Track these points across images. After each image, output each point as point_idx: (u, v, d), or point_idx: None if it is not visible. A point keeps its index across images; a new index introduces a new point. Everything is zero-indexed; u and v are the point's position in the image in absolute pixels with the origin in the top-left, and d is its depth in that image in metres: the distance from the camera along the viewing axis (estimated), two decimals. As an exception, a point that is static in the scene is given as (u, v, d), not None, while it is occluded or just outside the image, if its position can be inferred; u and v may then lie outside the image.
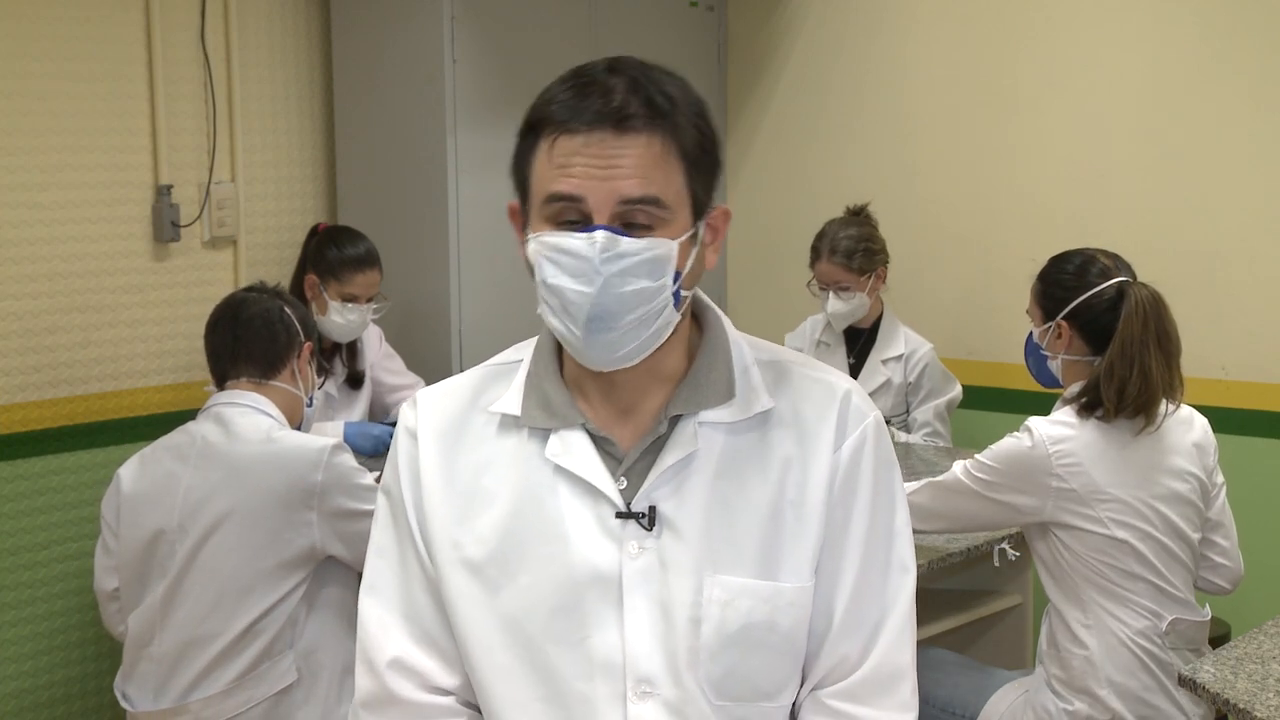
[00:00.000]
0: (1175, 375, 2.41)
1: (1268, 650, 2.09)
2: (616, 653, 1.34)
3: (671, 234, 1.30)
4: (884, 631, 1.39)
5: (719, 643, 1.34)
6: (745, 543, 1.36)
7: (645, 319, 1.30)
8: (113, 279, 3.43)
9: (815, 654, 1.40)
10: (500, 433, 1.40)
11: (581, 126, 1.27)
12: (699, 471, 1.36)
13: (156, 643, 2.45)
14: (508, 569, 1.36)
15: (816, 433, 1.39)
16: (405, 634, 1.41)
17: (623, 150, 1.27)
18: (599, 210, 1.27)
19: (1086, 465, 2.38)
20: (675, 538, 1.35)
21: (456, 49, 3.59)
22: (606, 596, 1.34)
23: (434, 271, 3.67)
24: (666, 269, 1.29)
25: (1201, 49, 3.48)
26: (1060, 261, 2.54)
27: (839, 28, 4.20)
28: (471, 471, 1.40)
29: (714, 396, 1.38)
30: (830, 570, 1.38)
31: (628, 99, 1.27)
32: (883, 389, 3.54)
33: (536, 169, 1.31)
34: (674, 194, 1.30)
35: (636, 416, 1.39)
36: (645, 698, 1.34)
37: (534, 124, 1.31)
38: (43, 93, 3.27)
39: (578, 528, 1.35)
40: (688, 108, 1.32)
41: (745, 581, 1.35)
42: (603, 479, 1.36)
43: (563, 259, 1.28)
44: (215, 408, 2.50)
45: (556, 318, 1.31)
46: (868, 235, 3.51)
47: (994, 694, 2.64)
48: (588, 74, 1.30)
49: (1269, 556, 3.40)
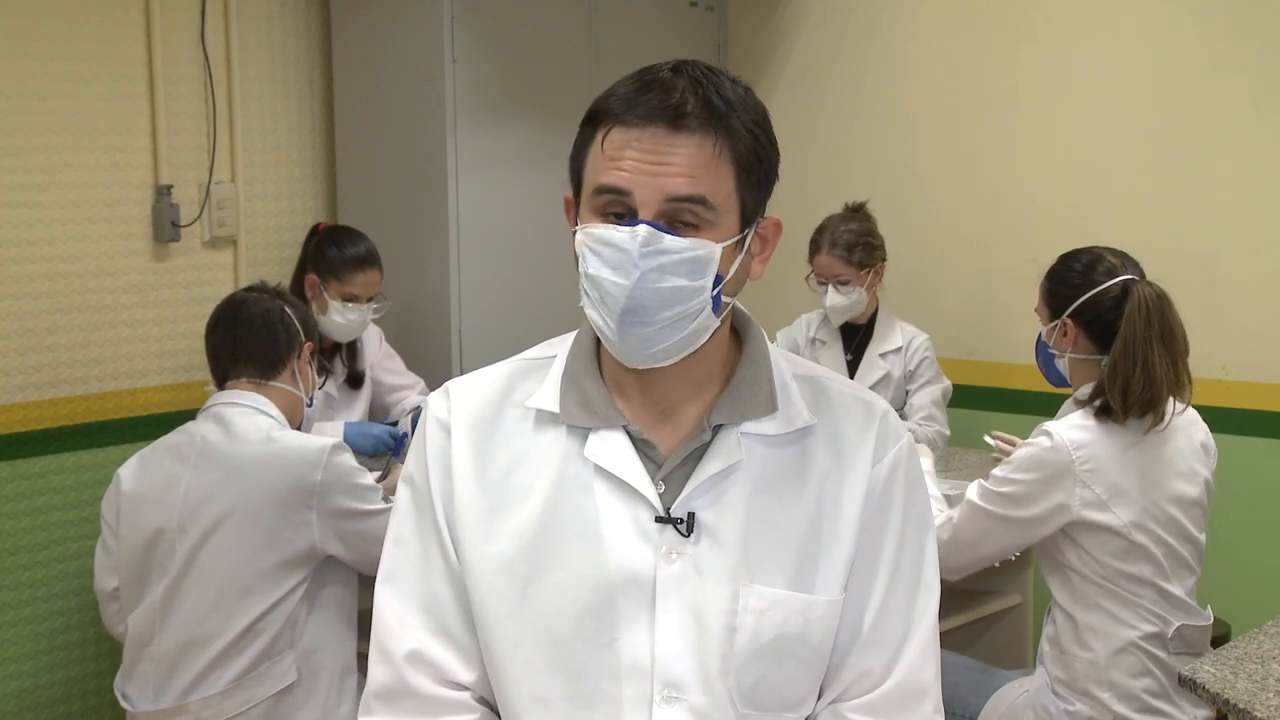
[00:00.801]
0: (1182, 373, 2.40)
1: (1268, 650, 2.09)
2: (645, 656, 1.34)
3: (716, 237, 1.30)
4: (908, 648, 1.40)
5: (752, 652, 1.34)
6: (781, 555, 1.36)
7: (681, 319, 1.30)
8: (113, 279, 3.43)
9: (838, 667, 1.40)
10: (536, 428, 1.40)
11: (636, 120, 1.27)
12: (739, 483, 1.36)
13: (156, 643, 2.45)
14: (539, 565, 1.35)
15: (855, 449, 1.39)
16: (422, 626, 1.40)
17: (675, 148, 1.27)
18: (645, 205, 1.27)
19: (1107, 468, 2.36)
20: (713, 545, 1.35)
21: (456, 49, 3.59)
22: (639, 599, 1.34)
23: (434, 271, 3.67)
24: (707, 270, 1.29)
25: (1201, 49, 3.48)
26: (1067, 260, 2.54)
27: (839, 28, 4.20)
28: (504, 466, 1.39)
29: (757, 408, 1.38)
30: (860, 585, 1.39)
31: (685, 97, 1.27)
32: (881, 383, 3.55)
33: (590, 161, 1.32)
34: (722, 197, 1.29)
35: (677, 422, 1.39)
36: (672, 702, 1.34)
37: (592, 115, 1.32)
38: (43, 93, 3.27)
39: (614, 528, 1.35)
40: (746, 113, 1.31)
41: (780, 593, 1.35)
42: (643, 482, 1.35)
43: (604, 250, 1.28)
44: (215, 408, 2.50)
45: (595, 309, 1.31)
46: (868, 230, 3.52)
47: (994, 694, 2.64)
48: (652, 71, 1.31)
49: (1269, 556, 3.40)
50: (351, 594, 2.55)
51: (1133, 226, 3.55)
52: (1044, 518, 2.40)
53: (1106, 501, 2.36)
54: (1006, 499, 2.42)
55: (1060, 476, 2.37)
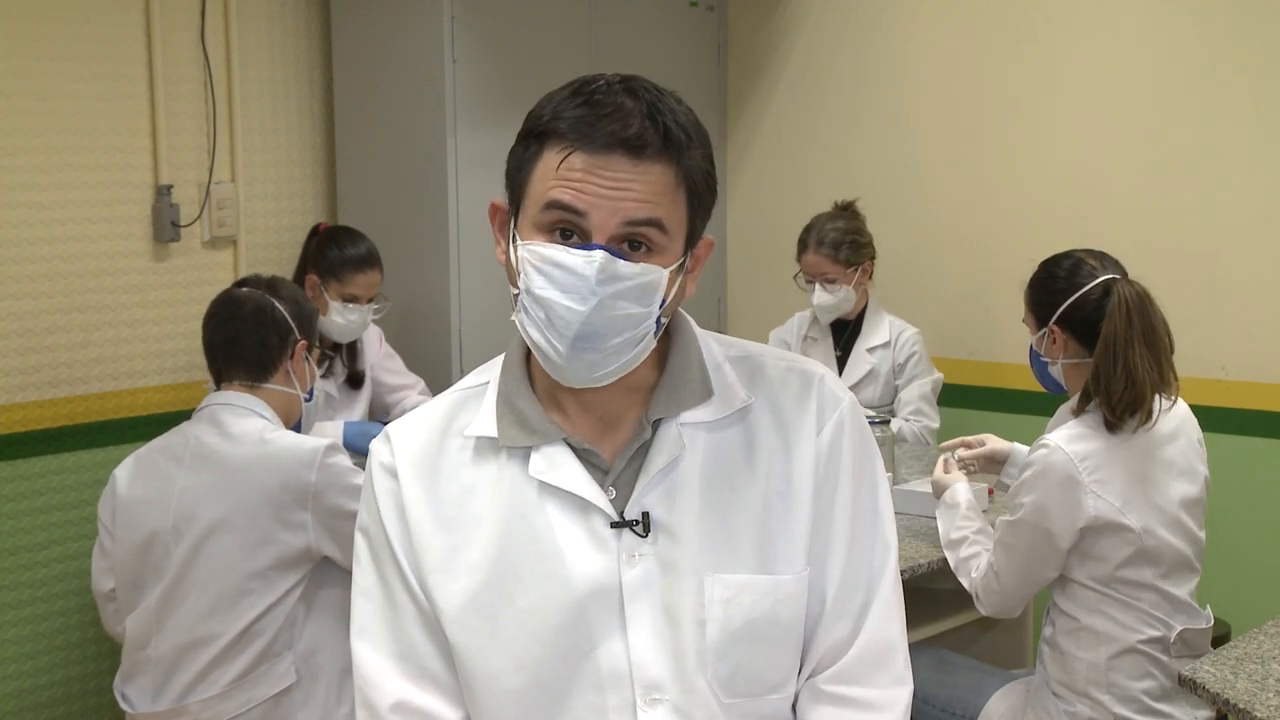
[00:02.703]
0: (1167, 370, 2.38)
1: (1268, 650, 2.09)
2: (623, 661, 1.34)
3: (664, 262, 1.29)
4: (872, 610, 1.40)
5: (724, 641, 1.34)
6: (741, 539, 1.36)
7: (628, 343, 1.29)
8: (113, 279, 3.43)
9: (810, 640, 1.40)
10: (478, 457, 1.39)
11: (595, 149, 1.25)
12: (687, 473, 1.36)
13: (154, 644, 2.45)
14: (505, 593, 1.35)
15: (797, 421, 1.39)
16: (401, 675, 1.39)
17: (637, 176, 1.26)
18: (599, 229, 1.26)
19: (1113, 475, 2.35)
20: (671, 541, 1.35)
21: (456, 49, 3.59)
22: (608, 607, 1.34)
23: (434, 271, 3.67)
24: (655, 296, 1.29)
25: (1201, 49, 3.48)
26: (1047, 266, 2.53)
27: (839, 28, 4.20)
28: (455, 500, 1.38)
29: (692, 397, 1.38)
30: (820, 555, 1.39)
31: (645, 126, 1.26)
32: (869, 378, 3.56)
33: (537, 176, 1.29)
34: (675, 223, 1.29)
35: (616, 426, 1.38)
36: (654, 704, 1.34)
37: (540, 134, 1.29)
38: (43, 93, 3.27)
39: (571, 543, 1.34)
40: (699, 142, 1.31)
41: (745, 578, 1.35)
42: (591, 491, 1.35)
43: (555, 273, 1.27)
44: (209, 409, 2.49)
45: (538, 330, 1.30)
46: (855, 229, 3.52)
47: (994, 694, 2.64)
48: (600, 91, 1.28)
49: (1269, 556, 3.40)
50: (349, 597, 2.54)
51: (1132, 226, 3.55)
52: (1065, 527, 2.35)
53: (1120, 508, 2.34)
54: (1028, 526, 2.38)
55: (1067, 485, 2.34)
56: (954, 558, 2.56)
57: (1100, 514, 2.34)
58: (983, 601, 2.50)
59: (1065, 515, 2.35)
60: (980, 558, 2.51)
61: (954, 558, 2.56)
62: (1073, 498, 2.34)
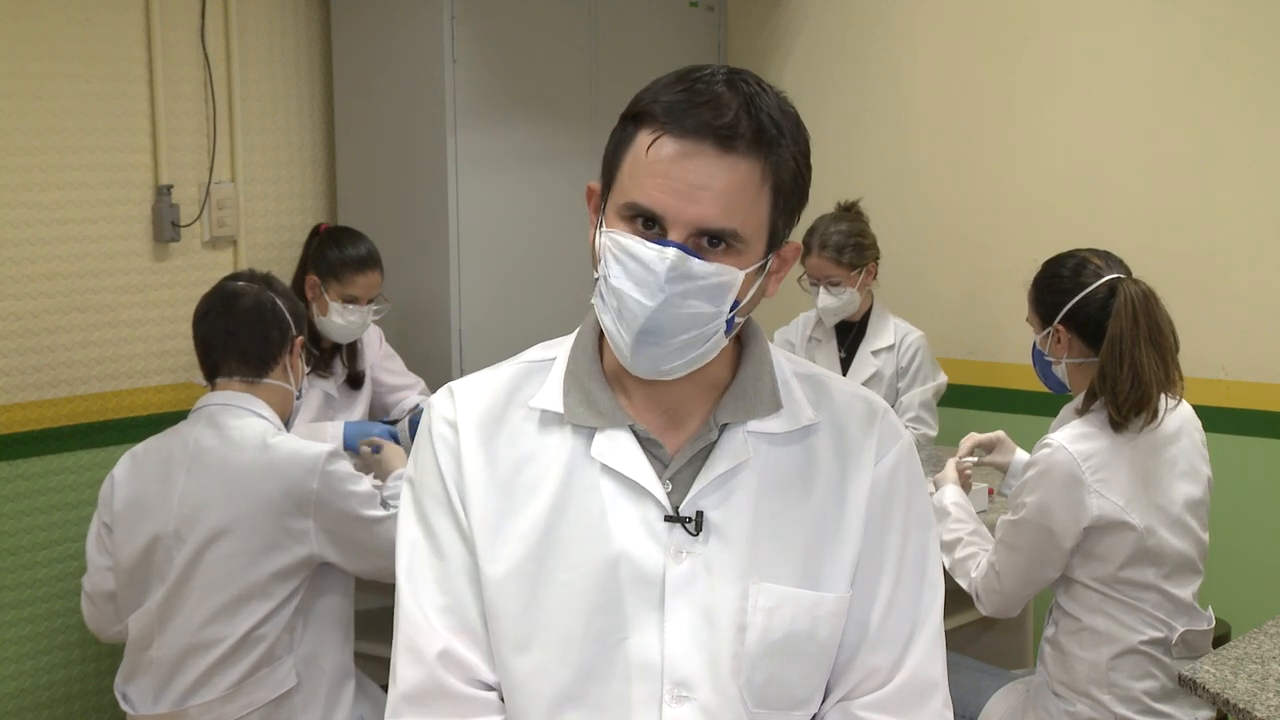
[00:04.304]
0: (1172, 370, 2.38)
1: (1268, 650, 2.09)
2: (655, 655, 1.34)
3: (741, 264, 1.29)
4: (916, 644, 1.40)
5: (762, 649, 1.35)
6: (789, 552, 1.36)
7: (695, 340, 1.30)
8: (113, 279, 3.43)
9: (846, 665, 1.40)
10: (541, 429, 1.39)
11: (685, 134, 1.25)
12: (746, 481, 1.37)
13: (155, 647, 2.44)
14: (548, 566, 1.35)
15: (858, 447, 1.40)
16: (448, 626, 1.38)
17: (719, 172, 1.25)
18: (675, 227, 1.26)
19: (1117, 475, 2.35)
20: (722, 544, 1.35)
21: (456, 49, 3.59)
22: (648, 598, 1.34)
23: (434, 271, 3.67)
24: (727, 296, 1.29)
25: (1201, 49, 3.48)
26: (1052, 265, 2.53)
27: (839, 28, 4.20)
28: (511, 466, 1.38)
29: (761, 407, 1.38)
30: (866, 583, 1.39)
31: (739, 117, 1.25)
32: (873, 380, 3.55)
33: (627, 163, 1.29)
34: (754, 228, 1.29)
35: (682, 422, 1.39)
36: (682, 701, 1.34)
37: (637, 115, 1.29)
38: (43, 93, 3.27)
39: (622, 528, 1.35)
40: (794, 140, 1.30)
41: (790, 590, 1.36)
42: (651, 481, 1.35)
43: (630, 264, 1.27)
44: (208, 409, 2.47)
45: (611, 318, 1.30)
46: (858, 231, 3.51)
47: (994, 694, 2.64)
48: (703, 79, 1.27)
49: (1269, 556, 3.40)
50: (348, 600, 2.54)
51: (1132, 226, 3.55)
52: (1068, 526, 2.36)
53: (1123, 508, 2.34)
54: (1031, 526, 2.38)
55: (1071, 484, 2.34)
56: (949, 560, 2.56)
57: (1104, 513, 2.33)
58: (983, 601, 2.51)
59: (1068, 515, 2.34)
60: (978, 558, 2.51)
61: (949, 560, 2.56)
62: (1076, 497, 2.34)
